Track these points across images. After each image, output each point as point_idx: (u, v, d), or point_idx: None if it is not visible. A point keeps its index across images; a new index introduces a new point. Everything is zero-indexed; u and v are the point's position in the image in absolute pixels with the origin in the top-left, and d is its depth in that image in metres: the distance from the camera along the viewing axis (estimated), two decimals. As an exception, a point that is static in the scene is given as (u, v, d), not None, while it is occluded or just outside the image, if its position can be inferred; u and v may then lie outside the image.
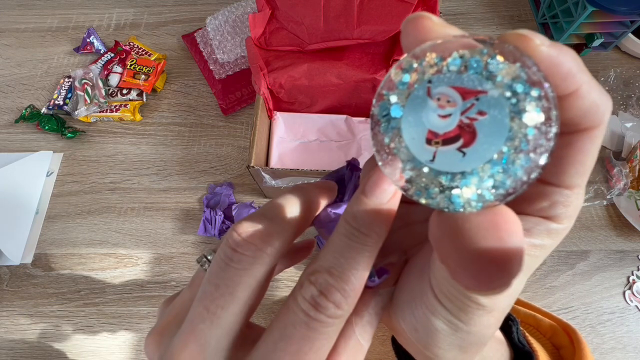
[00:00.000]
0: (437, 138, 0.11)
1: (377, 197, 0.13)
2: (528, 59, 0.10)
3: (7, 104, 0.69)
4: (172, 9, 0.77)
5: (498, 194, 0.11)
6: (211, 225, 0.56)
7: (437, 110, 0.11)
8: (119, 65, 0.69)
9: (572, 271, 0.54)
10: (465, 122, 0.11)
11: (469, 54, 0.11)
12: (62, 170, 0.63)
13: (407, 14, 0.47)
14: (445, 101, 0.11)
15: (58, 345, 0.53)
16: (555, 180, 0.12)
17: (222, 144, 0.64)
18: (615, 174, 0.57)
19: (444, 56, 0.11)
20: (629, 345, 0.51)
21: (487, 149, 0.11)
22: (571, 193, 0.13)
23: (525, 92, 0.10)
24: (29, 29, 0.76)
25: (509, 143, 0.10)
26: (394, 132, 0.12)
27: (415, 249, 0.17)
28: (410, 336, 0.16)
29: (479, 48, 0.11)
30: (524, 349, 0.22)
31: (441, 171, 0.11)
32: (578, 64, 0.11)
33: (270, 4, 0.53)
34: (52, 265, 0.57)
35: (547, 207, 0.13)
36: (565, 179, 0.12)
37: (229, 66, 0.67)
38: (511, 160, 0.10)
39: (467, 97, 0.11)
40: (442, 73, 0.11)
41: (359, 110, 0.57)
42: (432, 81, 0.11)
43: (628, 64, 0.68)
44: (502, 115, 0.10)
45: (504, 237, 0.10)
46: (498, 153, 0.10)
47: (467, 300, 0.12)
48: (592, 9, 0.59)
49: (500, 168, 0.11)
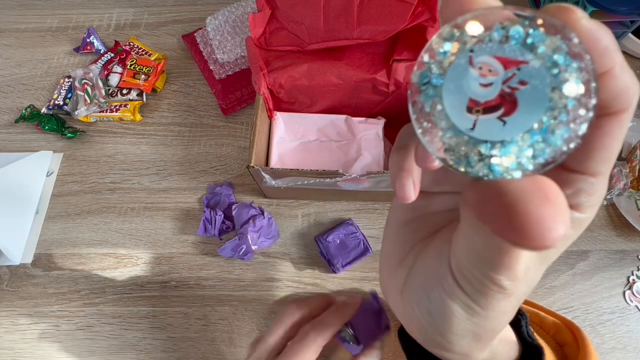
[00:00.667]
0: (478, 106, 0.11)
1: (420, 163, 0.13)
2: (569, 31, 0.10)
3: (7, 104, 0.69)
4: (172, 9, 0.77)
5: (537, 163, 0.11)
6: (211, 225, 0.56)
7: (479, 78, 0.11)
8: (119, 65, 0.69)
9: (572, 271, 0.54)
10: (507, 91, 0.11)
11: (511, 25, 0.11)
12: (62, 170, 0.63)
13: (407, 14, 0.47)
14: (487, 70, 0.11)
15: (58, 345, 0.53)
16: (580, 167, 0.12)
17: (222, 144, 0.64)
18: (615, 174, 0.57)
19: (486, 26, 0.11)
20: (629, 345, 0.51)
21: (528, 119, 0.11)
22: (595, 181, 0.12)
23: (566, 64, 0.10)
24: (29, 29, 0.76)
25: (549, 113, 0.10)
26: (434, 99, 0.12)
27: (431, 237, 0.17)
28: (423, 321, 0.16)
29: (520, 19, 0.11)
30: (532, 343, 0.22)
31: (481, 139, 0.11)
32: (615, 42, 0.11)
33: (270, 4, 0.53)
34: (52, 265, 0.57)
35: (571, 195, 0.13)
36: (591, 166, 0.12)
37: (229, 66, 0.67)
38: (551, 130, 0.10)
39: (508, 66, 0.11)
40: (484, 43, 0.11)
41: (359, 110, 0.57)
42: (474, 50, 0.11)
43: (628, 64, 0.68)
44: (542, 85, 0.10)
45: (550, 197, 0.10)
46: (538, 123, 0.10)
47: (489, 282, 0.12)
48: (592, 9, 0.59)
49: (540, 137, 0.11)
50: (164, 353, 0.52)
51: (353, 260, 0.54)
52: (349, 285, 0.54)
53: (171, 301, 0.54)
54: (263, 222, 0.55)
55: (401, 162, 0.15)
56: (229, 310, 0.54)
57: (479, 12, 0.11)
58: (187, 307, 0.54)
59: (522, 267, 0.12)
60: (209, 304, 0.54)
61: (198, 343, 0.52)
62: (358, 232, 0.56)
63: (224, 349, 0.52)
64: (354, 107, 0.57)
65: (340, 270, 0.53)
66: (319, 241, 0.56)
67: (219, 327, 0.53)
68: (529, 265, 0.13)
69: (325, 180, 0.47)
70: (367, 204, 0.59)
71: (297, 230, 0.58)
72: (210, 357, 0.52)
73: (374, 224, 0.58)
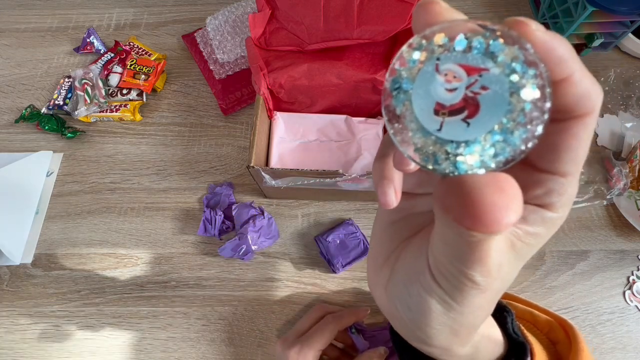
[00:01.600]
0: (444, 109, 0.12)
1: None
2: (525, 42, 0.11)
3: (7, 104, 0.69)
4: (172, 9, 0.77)
5: (498, 161, 0.12)
6: (211, 225, 0.56)
7: (445, 84, 0.12)
8: (119, 65, 0.69)
9: (572, 271, 0.54)
10: (470, 95, 0.12)
11: (473, 36, 0.12)
12: (62, 170, 0.63)
13: (407, 14, 0.47)
14: (452, 76, 0.12)
15: (58, 345, 0.53)
16: (550, 168, 0.13)
17: (222, 144, 0.64)
18: (615, 174, 0.57)
19: (451, 37, 0.12)
20: (629, 345, 0.51)
21: (489, 120, 0.12)
22: (565, 181, 0.13)
23: (522, 71, 0.11)
24: (29, 29, 0.76)
25: (508, 115, 0.12)
26: (405, 103, 0.13)
27: (414, 236, 0.18)
28: (404, 316, 0.17)
29: (482, 31, 0.12)
30: (518, 339, 0.22)
31: (447, 140, 0.12)
32: (570, 51, 0.12)
33: (270, 4, 0.53)
34: (52, 265, 0.57)
35: (542, 195, 0.14)
36: (560, 166, 0.13)
37: (229, 66, 0.67)
38: (510, 131, 0.12)
39: (471, 73, 0.12)
40: (449, 52, 0.12)
41: (359, 110, 0.57)
42: (440, 59, 0.12)
43: (628, 64, 0.68)
44: (502, 90, 0.12)
45: (504, 188, 0.11)
46: (499, 124, 0.12)
47: (463, 277, 0.13)
48: (592, 9, 0.59)
49: (500, 137, 0.12)
50: (164, 353, 0.52)
51: (353, 260, 0.54)
52: (349, 285, 0.54)
53: (171, 301, 0.54)
54: (263, 222, 0.55)
55: (382, 170, 0.16)
56: (229, 310, 0.54)
57: (445, 24, 0.12)
58: (187, 307, 0.54)
59: (494, 262, 0.13)
60: (209, 304, 0.54)
61: (198, 343, 0.52)
62: (358, 232, 0.56)
63: (224, 349, 0.52)
64: (354, 107, 0.57)
65: (340, 270, 0.53)
66: (319, 241, 0.56)
67: (219, 327, 0.53)
68: (501, 262, 0.13)
69: (325, 180, 0.47)
70: (367, 204, 0.59)
71: (297, 230, 0.58)
72: (210, 357, 0.52)
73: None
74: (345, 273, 0.55)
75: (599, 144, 0.62)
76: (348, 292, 0.54)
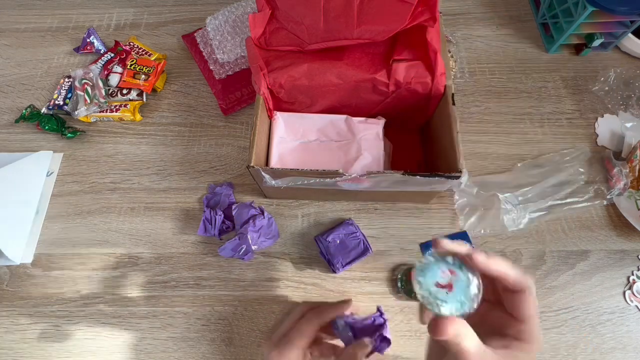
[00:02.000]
0: (439, 285, 0.25)
1: None
2: (473, 266, 0.25)
3: (7, 104, 0.69)
4: (172, 9, 0.77)
5: (460, 313, 0.24)
6: (211, 225, 0.56)
7: (442, 278, 0.25)
8: (119, 65, 0.69)
9: (572, 271, 0.54)
10: (450, 282, 0.25)
11: (453, 259, 0.26)
12: (62, 170, 0.63)
13: (407, 13, 0.47)
14: (445, 274, 0.25)
15: (58, 345, 0.53)
16: (516, 315, 0.25)
17: (222, 144, 0.64)
18: (615, 174, 0.58)
19: (444, 256, 0.26)
20: (629, 345, 0.51)
21: (457, 294, 0.24)
22: (527, 323, 0.25)
23: (472, 277, 0.25)
24: (29, 29, 0.76)
25: (465, 295, 0.24)
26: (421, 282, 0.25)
27: None
28: None
29: (457, 258, 0.26)
30: None
31: (438, 297, 0.24)
32: (499, 264, 0.25)
33: (270, 4, 0.53)
34: (52, 265, 0.57)
35: (516, 332, 0.25)
36: (520, 314, 0.25)
37: (229, 66, 0.67)
38: (465, 302, 0.24)
39: (452, 273, 0.25)
40: (443, 263, 0.26)
41: (359, 110, 0.57)
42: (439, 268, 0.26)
43: (628, 64, 0.68)
44: (464, 284, 0.25)
45: (452, 319, 0.23)
46: (462, 296, 0.24)
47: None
48: (592, 9, 0.59)
49: (462, 303, 0.24)
50: (164, 353, 0.52)
51: (353, 260, 0.54)
52: (349, 285, 0.54)
53: (171, 301, 0.54)
54: (263, 222, 0.55)
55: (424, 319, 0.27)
56: (229, 310, 0.54)
57: (442, 252, 0.26)
58: (187, 307, 0.54)
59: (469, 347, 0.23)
60: (209, 304, 0.54)
61: (198, 343, 0.52)
62: (358, 232, 0.56)
63: (224, 349, 0.52)
64: (354, 107, 0.57)
65: (340, 270, 0.53)
66: (319, 241, 0.56)
67: (219, 327, 0.53)
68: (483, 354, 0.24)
69: (325, 180, 0.47)
70: (367, 204, 0.59)
71: (297, 230, 0.58)
72: (210, 357, 0.52)
73: (374, 224, 0.58)
74: (345, 273, 0.55)
75: (599, 144, 0.62)
76: (348, 292, 0.54)
